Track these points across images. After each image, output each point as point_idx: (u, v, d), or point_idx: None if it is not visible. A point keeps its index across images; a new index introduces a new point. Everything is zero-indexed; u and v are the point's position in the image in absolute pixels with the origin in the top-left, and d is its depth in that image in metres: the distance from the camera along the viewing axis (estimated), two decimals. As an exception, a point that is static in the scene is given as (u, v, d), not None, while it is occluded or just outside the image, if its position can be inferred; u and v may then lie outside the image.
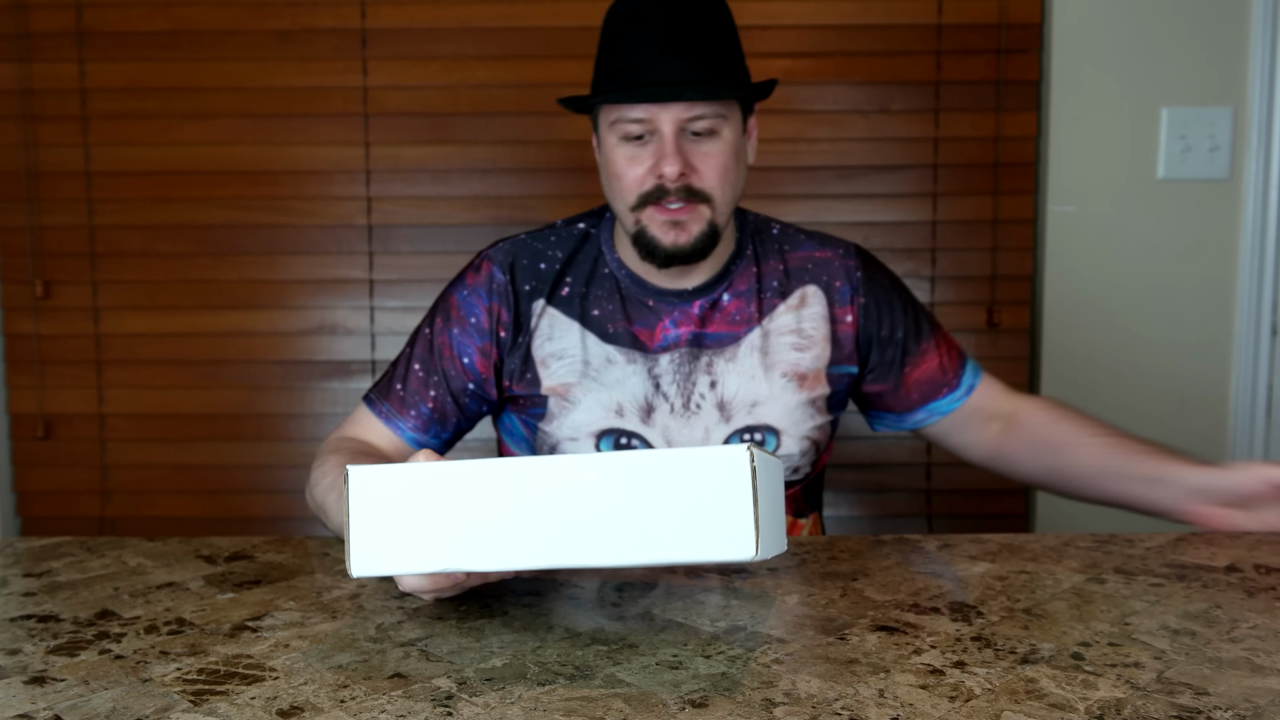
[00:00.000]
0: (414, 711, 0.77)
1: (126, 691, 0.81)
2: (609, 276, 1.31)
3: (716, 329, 1.29)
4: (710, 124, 1.19)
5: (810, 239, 1.36)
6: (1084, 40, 2.14)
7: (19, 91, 2.25)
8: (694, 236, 1.22)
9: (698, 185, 1.20)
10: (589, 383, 1.28)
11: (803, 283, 1.32)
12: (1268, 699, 0.78)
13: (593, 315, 1.29)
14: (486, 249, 1.34)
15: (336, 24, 2.22)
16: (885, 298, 1.35)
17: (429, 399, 1.29)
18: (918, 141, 2.22)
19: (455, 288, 1.33)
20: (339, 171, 2.26)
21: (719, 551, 0.75)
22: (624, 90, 1.18)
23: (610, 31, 1.24)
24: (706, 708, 0.77)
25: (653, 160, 1.20)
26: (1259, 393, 2.18)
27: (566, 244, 1.32)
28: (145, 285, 2.29)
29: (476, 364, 1.29)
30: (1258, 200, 2.15)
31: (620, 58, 1.20)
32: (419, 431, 1.29)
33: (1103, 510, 2.25)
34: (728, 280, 1.30)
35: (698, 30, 1.19)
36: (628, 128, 1.20)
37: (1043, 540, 1.19)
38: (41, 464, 2.33)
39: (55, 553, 1.17)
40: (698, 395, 1.28)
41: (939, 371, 1.37)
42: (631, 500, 0.75)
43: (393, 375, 1.32)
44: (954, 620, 0.94)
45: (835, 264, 1.34)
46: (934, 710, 0.77)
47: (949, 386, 1.37)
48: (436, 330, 1.31)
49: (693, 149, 1.20)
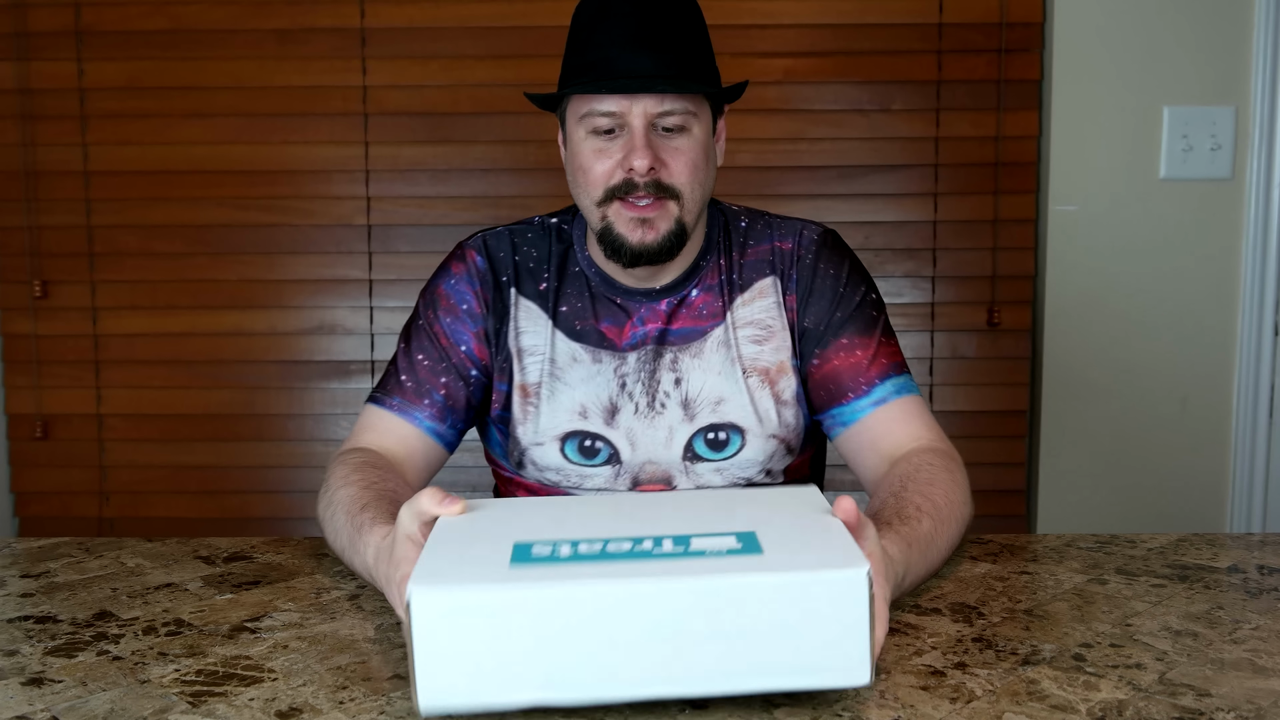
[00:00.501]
0: (414, 712, 0.77)
1: (125, 693, 0.81)
2: (579, 274, 1.28)
3: (682, 324, 1.26)
4: (681, 120, 1.17)
5: (778, 230, 1.30)
6: (1086, 39, 2.14)
7: (17, 91, 2.24)
8: (661, 235, 1.18)
9: (667, 181, 1.17)
10: (554, 383, 1.25)
11: (761, 274, 1.28)
12: (1270, 700, 0.78)
13: (562, 312, 1.27)
14: (465, 240, 1.32)
15: (336, 23, 2.22)
16: (817, 282, 1.26)
17: (440, 385, 1.26)
18: (918, 141, 2.22)
19: (441, 278, 1.30)
20: (338, 171, 2.25)
21: (828, 679, 0.70)
22: (594, 82, 1.17)
23: (579, 26, 1.22)
24: (706, 708, 0.77)
25: (622, 154, 1.17)
26: (1261, 392, 2.17)
27: (543, 240, 1.31)
28: (144, 285, 2.28)
29: (475, 350, 1.27)
30: (1260, 200, 2.14)
31: (590, 51, 1.18)
32: (436, 420, 1.25)
33: (1104, 511, 2.26)
34: (697, 277, 1.27)
35: (669, 26, 1.18)
36: (597, 121, 1.17)
37: (1044, 541, 1.19)
38: (39, 464, 2.33)
39: (53, 553, 1.17)
40: (662, 394, 1.25)
41: (851, 372, 1.23)
42: (737, 625, 0.68)
43: (395, 371, 1.28)
44: (955, 621, 0.94)
45: (790, 253, 1.28)
46: (935, 711, 0.76)
47: (855, 392, 1.22)
48: (429, 322, 1.28)
49: (663, 144, 1.17)
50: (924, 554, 0.99)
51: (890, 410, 1.21)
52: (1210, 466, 2.21)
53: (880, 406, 1.21)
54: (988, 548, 1.16)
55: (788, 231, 1.30)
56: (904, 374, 1.24)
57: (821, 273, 1.27)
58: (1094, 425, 2.21)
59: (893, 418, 1.21)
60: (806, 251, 1.28)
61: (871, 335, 1.25)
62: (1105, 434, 2.21)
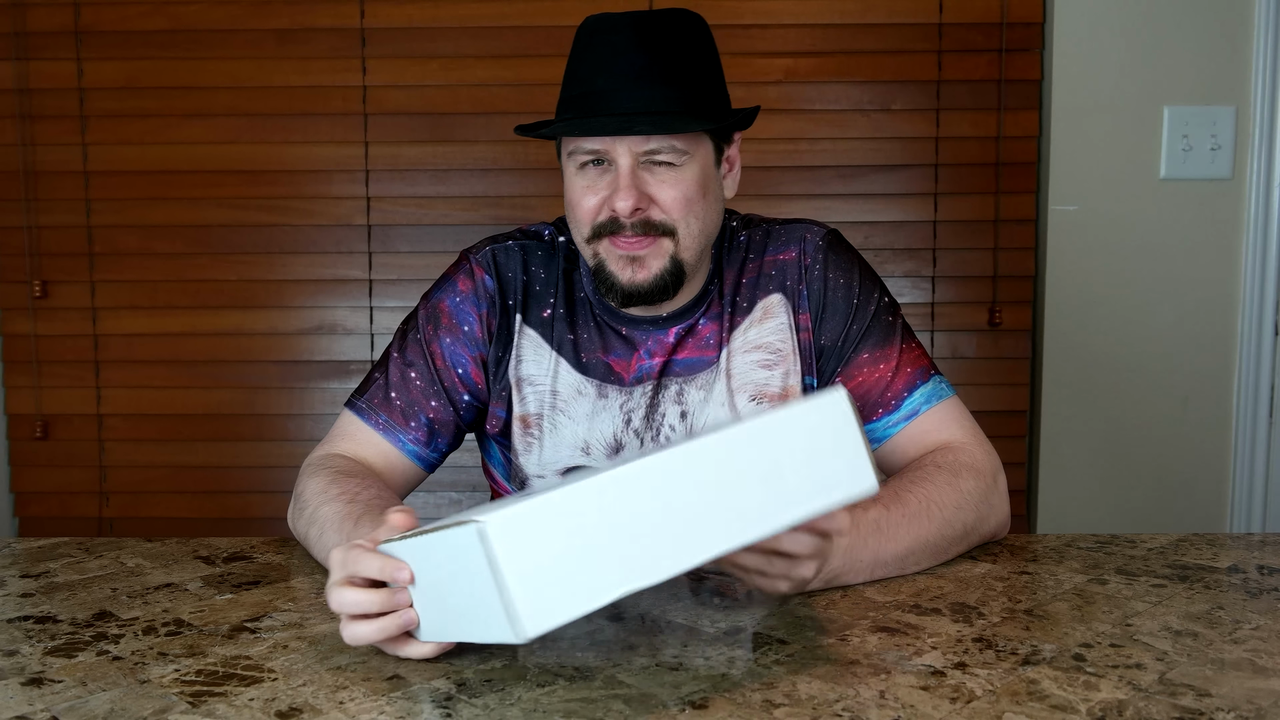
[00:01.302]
0: (413, 713, 0.77)
1: (124, 693, 0.81)
2: (584, 300, 1.23)
3: (688, 354, 1.21)
4: (670, 156, 1.11)
5: (776, 239, 1.25)
6: (1086, 39, 2.14)
7: (17, 90, 2.24)
8: (654, 274, 1.13)
9: (657, 218, 1.11)
10: (557, 416, 1.21)
11: (766, 292, 1.22)
12: (1270, 700, 0.78)
13: (568, 340, 1.22)
14: (474, 251, 1.26)
15: (335, 23, 2.22)
16: (829, 295, 1.22)
17: (430, 409, 1.21)
18: (919, 141, 2.22)
19: (446, 293, 1.25)
20: (338, 171, 2.25)
21: (842, 494, 0.79)
22: (575, 121, 1.11)
23: (575, 50, 1.17)
24: (706, 709, 0.77)
25: (608, 191, 1.12)
26: (1261, 392, 2.17)
27: (551, 260, 1.24)
28: (143, 285, 2.28)
29: (472, 374, 1.23)
30: (1260, 199, 2.14)
31: (577, 83, 1.14)
32: (420, 445, 1.22)
33: (1105, 511, 2.26)
34: (705, 304, 1.22)
35: (668, 55, 1.11)
36: (582, 157, 1.13)
37: (1044, 541, 1.19)
38: (39, 464, 2.33)
39: (53, 553, 1.17)
40: (666, 428, 1.20)
41: (878, 388, 1.20)
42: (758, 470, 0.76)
43: (385, 384, 1.23)
44: (955, 621, 0.94)
45: (796, 264, 1.23)
46: (935, 711, 0.76)
47: (885, 408, 1.19)
48: (428, 338, 1.23)
49: (651, 179, 1.11)
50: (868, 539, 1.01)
51: (923, 422, 1.19)
52: (1210, 466, 2.21)
53: (912, 420, 1.19)
54: (988, 548, 1.16)
55: (788, 239, 1.24)
56: (932, 377, 1.21)
57: (832, 283, 1.22)
58: (1094, 425, 2.21)
59: (925, 429, 1.19)
60: (814, 261, 1.23)
61: (892, 345, 1.21)
62: (1105, 434, 2.21)
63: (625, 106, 1.10)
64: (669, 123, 1.09)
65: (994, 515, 1.14)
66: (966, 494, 1.11)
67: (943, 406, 1.19)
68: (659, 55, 1.11)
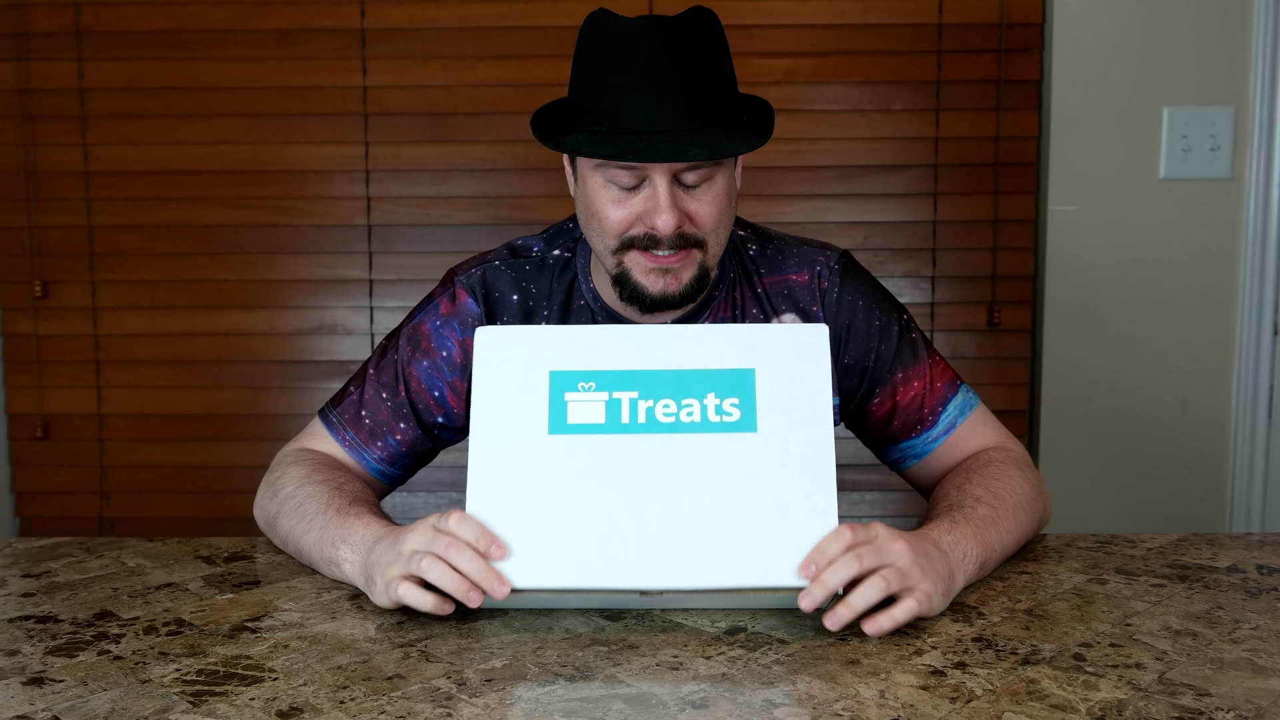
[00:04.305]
0: (414, 712, 0.77)
1: (125, 692, 0.81)
2: (584, 308, 1.22)
3: None
4: (708, 172, 1.11)
5: (789, 259, 1.25)
6: (1085, 39, 2.14)
7: (17, 91, 2.24)
8: (684, 283, 1.13)
9: (690, 232, 1.11)
10: None
11: (779, 310, 1.23)
12: (1269, 700, 0.78)
13: None
14: (459, 272, 1.24)
15: (336, 23, 2.22)
16: (847, 318, 1.23)
17: (398, 431, 1.22)
18: (918, 141, 2.22)
19: (427, 315, 1.23)
20: (338, 171, 2.25)
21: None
22: (613, 137, 1.07)
23: (590, 56, 1.12)
24: (706, 708, 0.77)
25: (643, 208, 1.10)
26: (1260, 393, 2.17)
27: (544, 275, 1.23)
28: (144, 285, 2.28)
29: (448, 399, 1.22)
30: (1259, 200, 2.14)
31: (607, 93, 1.09)
32: (384, 464, 1.23)
33: (1104, 511, 2.26)
34: (710, 307, 1.22)
35: (699, 67, 1.09)
36: (615, 175, 1.09)
37: (1044, 541, 1.19)
38: (40, 464, 2.33)
39: (54, 553, 1.17)
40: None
41: (914, 405, 1.23)
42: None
43: (358, 400, 1.24)
44: (955, 621, 0.94)
45: (811, 286, 1.23)
46: (935, 711, 0.76)
47: (924, 424, 1.22)
48: (405, 360, 1.22)
49: (686, 196, 1.11)
50: (979, 537, 1.02)
51: (961, 432, 1.23)
52: (1210, 466, 2.21)
53: (951, 432, 1.22)
54: (987, 548, 1.16)
55: (800, 262, 1.25)
56: (959, 387, 1.25)
57: (850, 305, 1.23)
58: (1094, 425, 2.21)
59: (963, 437, 1.23)
60: (831, 285, 1.23)
61: (921, 362, 1.24)
62: (1105, 434, 2.21)
63: (667, 122, 1.07)
64: (718, 145, 1.08)
65: (1048, 504, 1.21)
66: (1035, 484, 1.17)
67: (975, 415, 1.24)
68: (692, 69, 1.09)
